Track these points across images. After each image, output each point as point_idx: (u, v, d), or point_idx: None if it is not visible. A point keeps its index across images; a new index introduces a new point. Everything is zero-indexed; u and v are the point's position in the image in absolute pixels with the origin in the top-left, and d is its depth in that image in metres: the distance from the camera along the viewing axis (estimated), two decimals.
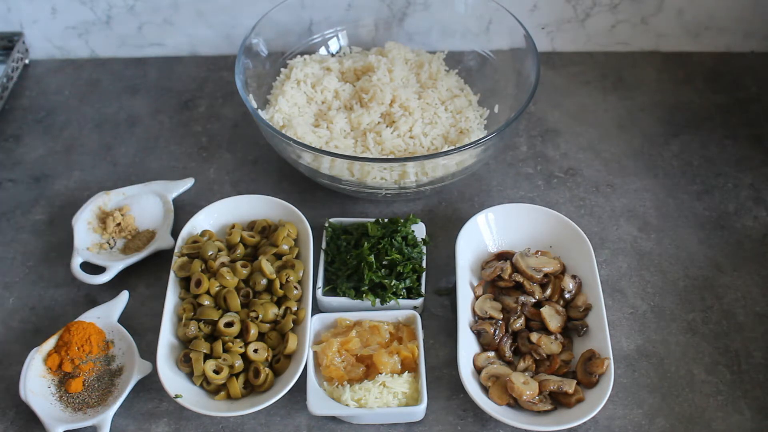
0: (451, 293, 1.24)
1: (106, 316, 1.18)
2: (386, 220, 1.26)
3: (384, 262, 1.20)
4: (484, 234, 1.26)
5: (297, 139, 1.30)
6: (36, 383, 1.10)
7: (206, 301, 1.15)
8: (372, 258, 1.19)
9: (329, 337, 1.13)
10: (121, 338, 1.16)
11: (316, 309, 1.20)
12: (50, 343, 1.14)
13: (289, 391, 1.07)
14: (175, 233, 1.27)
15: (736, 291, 1.24)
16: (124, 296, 1.22)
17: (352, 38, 1.53)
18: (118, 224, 1.30)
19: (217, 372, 1.09)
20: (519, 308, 1.17)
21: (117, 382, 1.12)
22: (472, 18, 1.47)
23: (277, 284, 1.16)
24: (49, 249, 1.32)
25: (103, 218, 1.31)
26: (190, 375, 1.12)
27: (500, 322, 1.16)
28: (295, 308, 1.16)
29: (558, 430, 1.04)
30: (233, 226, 1.25)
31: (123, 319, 1.20)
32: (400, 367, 1.10)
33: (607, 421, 1.10)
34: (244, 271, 1.18)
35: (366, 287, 1.19)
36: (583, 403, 1.07)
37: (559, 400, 1.08)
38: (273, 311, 1.15)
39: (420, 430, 1.10)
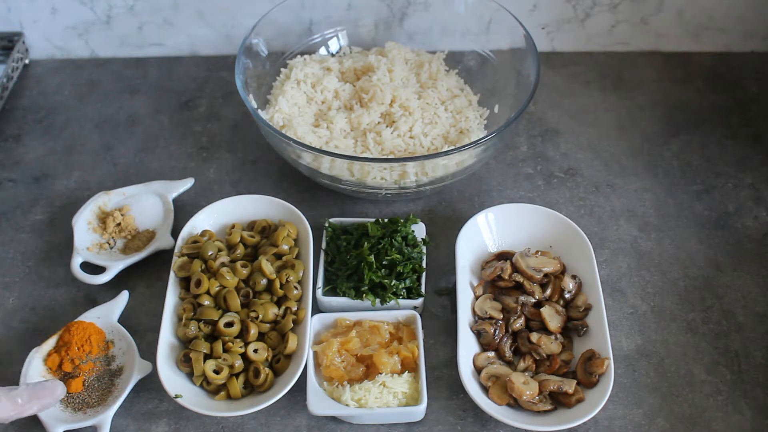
0: (451, 293, 1.24)
1: (106, 316, 1.18)
2: (386, 220, 1.26)
3: (384, 262, 1.20)
4: (484, 234, 1.26)
5: (297, 139, 1.30)
6: None
7: (206, 301, 1.15)
8: (372, 258, 1.19)
9: (329, 337, 1.13)
10: (121, 338, 1.16)
11: (316, 309, 1.20)
12: (50, 343, 1.14)
13: (289, 391, 1.07)
14: (175, 233, 1.27)
15: (736, 291, 1.24)
16: (124, 296, 1.22)
17: (352, 38, 1.53)
18: (118, 224, 1.30)
19: (217, 372, 1.09)
20: (519, 308, 1.17)
21: (117, 382, 1.12)
22: (472, 18, 1.47)
23: (277, 284, 1.16)
24: (49, 249, 1.32)
25: (103, 218, 1.31)
26: (190, 375, 1.12)
27: (500, 322, 1.16)
28: (295, 308, 1.16)
29: (558, 430, 1.04)
30: (233, 226, 1.25)
31: (123, 319, 1.20)
32: (400, 367, 1.10)
33: (607, 421, 1.10)
34: (244, 271, 1.18)
35: (366, 287, 1.19)
36: (583, 403, 1.07)
37: (559, 400, 1.08)
38: (273, 311, 1.15)
39: (420, 430, 1.10)
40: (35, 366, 1.11)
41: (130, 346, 1.14)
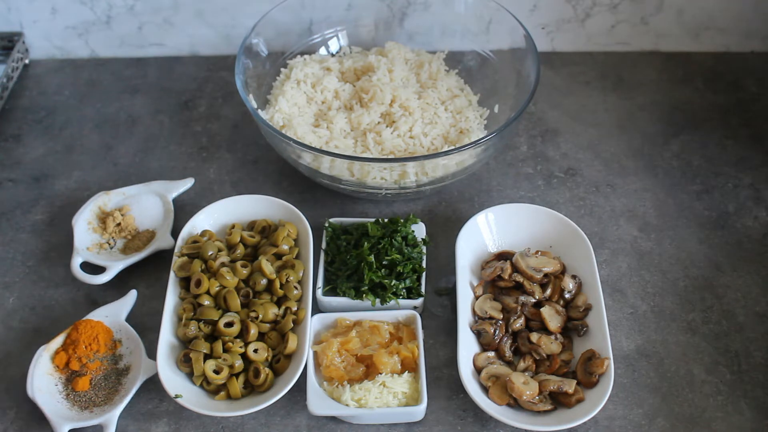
0: (451, 293, 1.24)
1: (114, 315, 1.18)
2: (386, 220, 1.26)
3: (384, 262, 1.20)
4: (484, 234, 1.26)
5: (297, 139, 1.30)
6: (43, 381, 1.10)
7: (206, 301, 1.15)
8: (372, 258, 1.19)
9: (329, 337, 1.13)
10: (129, 337, 1.16)
11: (316, 309, 1.20)
12: (58, 341, 1.14)
13: (289, 391, 1.07)
14: (175, 233, 1.27)
15: (736, 291, 1.24)
16: (132, 295, 1.21)
17: (352, 38, 1.53)
18: (118, 224, 1.30)
19: (217, 372, 1.09)
20: (519, 308, 1.17)
21: (124, 382, 1.12)
22: (472, 18, 1.47)
23: (277, 284, 1.16)
24: (49, 249, 1.32)
25: (103, 218, 1.31)
26: (190, 375, 1.12)
27: (500, 322, 1.16)
28: (295, 308, 1.16)
29: (558, 430, 1.04)
30: (233, 226, 1.25)
31: None
32: (400, 367, 1.10)
33: (607, 421, 1.10)
34: (244, 271, 1.18)
35: (366, 287, 1.19)
36: (583, 403, 1.07)
37: (559, 400, 1.08)
38: (273, 311, 1.15)
39: (420, 430, 1.10)
40: (42, 363, 1.11)
41: (138, 346, 1.14)
